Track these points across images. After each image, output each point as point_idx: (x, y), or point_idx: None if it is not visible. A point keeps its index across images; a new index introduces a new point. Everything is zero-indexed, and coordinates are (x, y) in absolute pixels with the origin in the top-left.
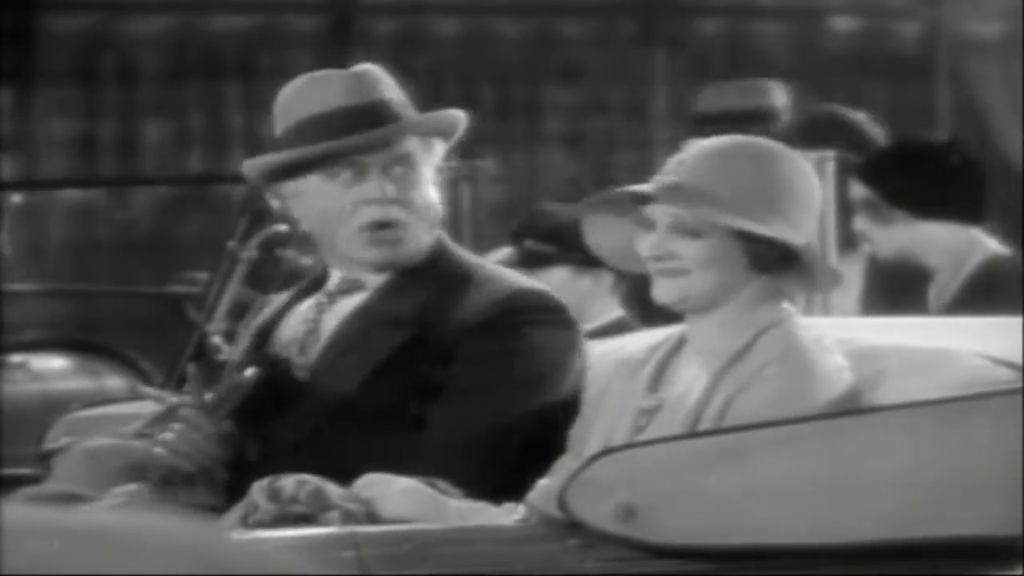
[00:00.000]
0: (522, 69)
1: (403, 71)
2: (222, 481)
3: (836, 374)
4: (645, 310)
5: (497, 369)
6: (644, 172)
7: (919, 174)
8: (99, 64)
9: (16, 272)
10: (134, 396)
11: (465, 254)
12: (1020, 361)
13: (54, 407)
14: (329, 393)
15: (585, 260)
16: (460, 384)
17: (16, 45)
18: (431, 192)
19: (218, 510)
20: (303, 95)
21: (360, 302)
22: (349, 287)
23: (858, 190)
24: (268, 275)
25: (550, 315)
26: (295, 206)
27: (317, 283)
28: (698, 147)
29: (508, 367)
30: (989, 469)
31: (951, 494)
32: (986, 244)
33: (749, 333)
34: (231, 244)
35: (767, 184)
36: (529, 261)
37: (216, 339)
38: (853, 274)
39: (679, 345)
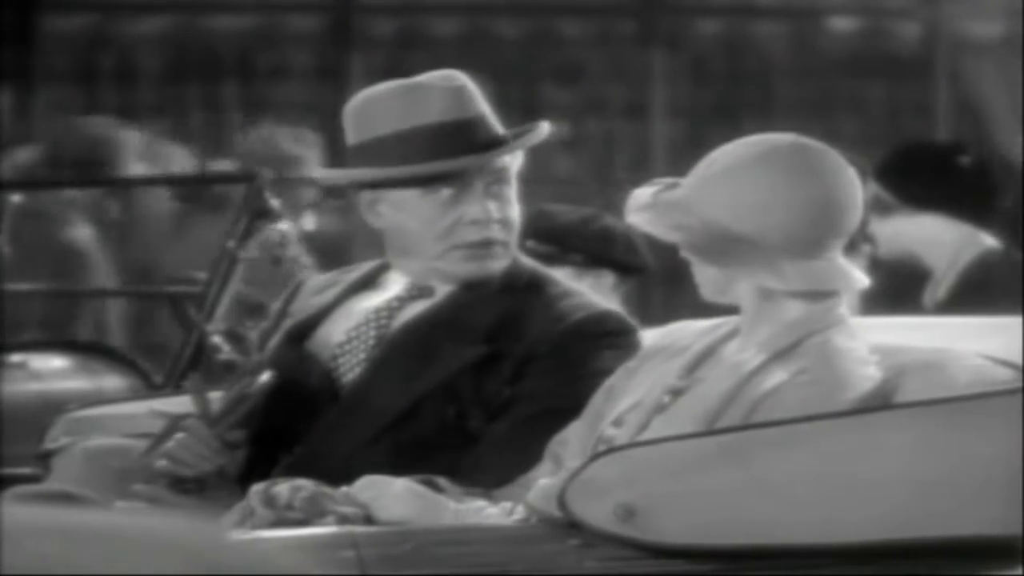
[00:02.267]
0: (521, 69)
1: (402, 71)
2: (234, 485)
3: (863, 385)
4: (644, 310)
5: (563, 394)
6: (643, 172)
7: (930, 174)
8: (98, 64)
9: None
10: (134, 396)
11: (534, 265)
12: (1020, 361)
13: (53, 407)
14: (386, 399)
15: (587, 261)
16: (524, 407)
17: (16, 45)
18: (517, 206)
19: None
20: (395, 105)
21: (429, 310)
22: (419, 293)
23: (868, 188)
24: (267, 275)
25: (620, 339)
26: (375, 214)
27: (368, 281)
28: (714, 157)
29: (574, 392)
30: (989, 469)
31: (951, 494)
32: (981, 240)
33: (794, 335)
34: (230, 244)
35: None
36: None
37: (216, 339)
38: None
39: (730, 335)
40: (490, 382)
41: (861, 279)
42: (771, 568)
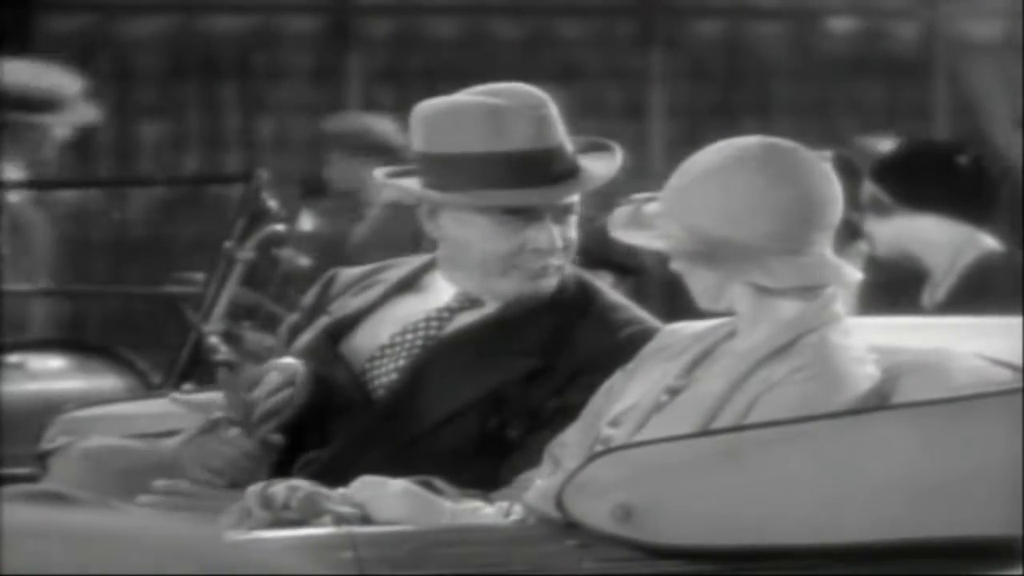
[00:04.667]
0: (520, 69)
1: (400, 71)
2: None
3: (861, 384)
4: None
5: None
6: (642, 172)
7: (929, 174)
8: (96, 64)
9: (14, 272)
10: (132, 396)
11: (578, 272)
12: (1020, 361)
13: (51, 407)
14: (428, 406)
15: (585, 262)
16: (567, 418)
17: (15, 45)
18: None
19: None
20: (478, 125)
21: (480, 320)
22: (471, 304)
23: (865, 187)
24: (265, 275)
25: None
26: (436, 225)
27: (412, 283)
28: (693, 163)
29: None
30: (989, 469)
31: (951, 494)
32: (982, 240)
33: (791, 333)
34: (228, 244)
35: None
36: None
37: (213, 339)
38: None
39: (729, 335)
40: (538, 393)
41: (853, 274)
42: (769, 568)
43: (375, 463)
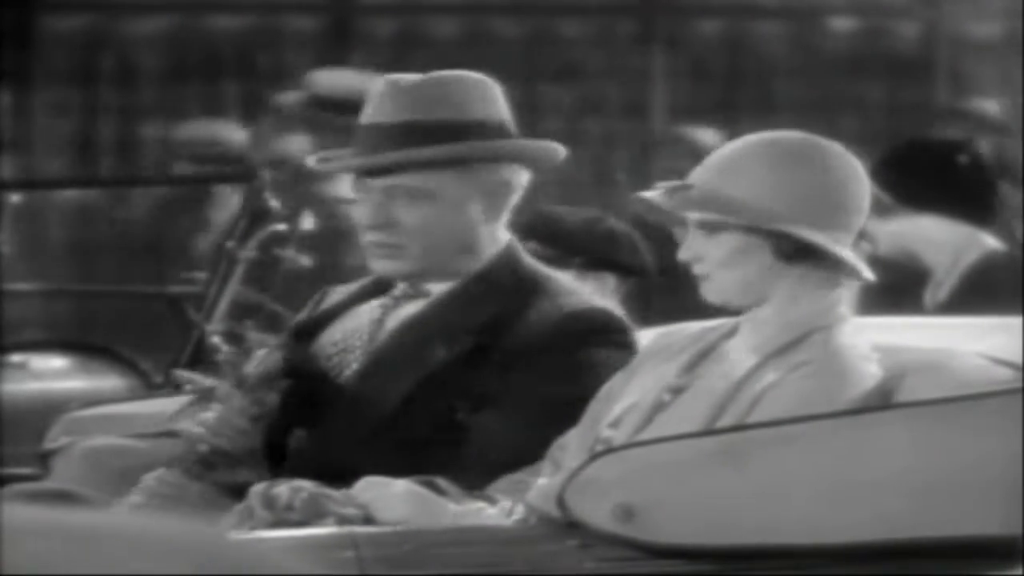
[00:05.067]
0: (521, 69)
1: (402, 70)
2: (262, 459)
3: (865, 381)
4: (644, 311)
5: (551, 387)
6: (643, 172)
7: (928, 173)
8: (98, 64)
9: (15, 272)
10: (134, 396)
11: (539, 267)
12: (1020, 361)
13: (53, 407)
14: (380, 395)
15: (588, 263)
16: (511, 399)
17: (15, 45)
18: (443, 216)
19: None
20: (368, 100)
21: (422, 308)
22: (415, 293)
23: None
24: (267, 275)
25: (612, 336)
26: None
27: (380, 285)
28: (725, 147)
29: (562, 387)
30: (989, 469)
31: (951, 494)
32: (984, 240)
33: (796, 331)
34: (230, 244)
35: (782, 180)
36: None
37: (216, 339)
38: None
39: (728, 335)
40: (480, 376)
41: (869, 273)
42: (770, 568)
43: (342, 457)
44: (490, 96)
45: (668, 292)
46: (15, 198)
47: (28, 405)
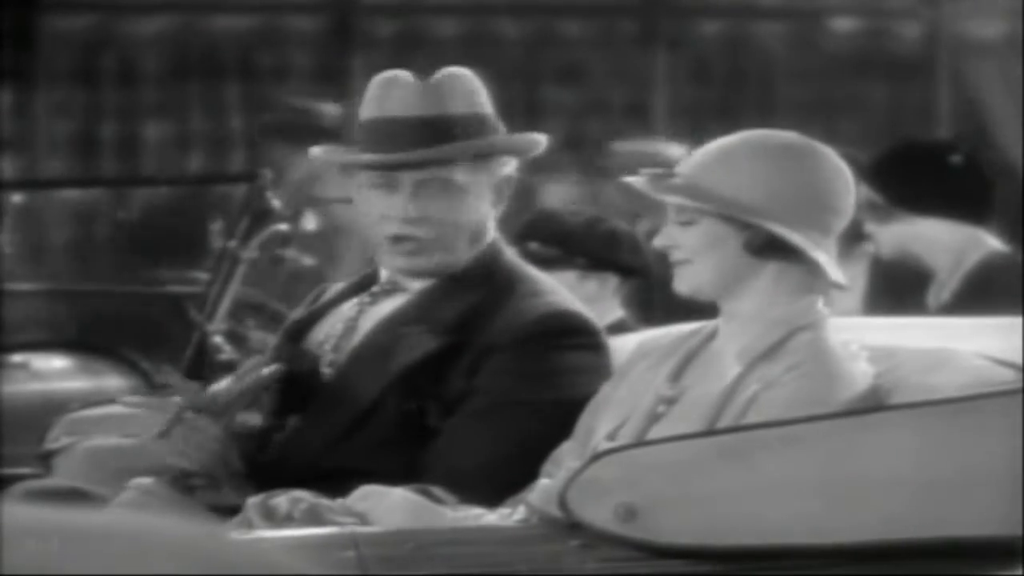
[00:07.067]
0: (522, 70)
1: (404, 71)
2: (240, 479)
3: (859, 380)
4: (645, 311)
5: (519, 390)
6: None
7: (922, 175)
8: (99, 64)
9: (16, 272)
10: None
11: (518, 265)
12: (1020, 361)
13: (54, 407)
14: (353, 395)
15: (590, 264)
16: (479, 402)
17: (16, 45)
18: (467, 210)
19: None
20: (372, 95)
21: (399, 305)
22: (392, 288)
23: (860, 190)
24: (269, 275)
25: (582, 339)
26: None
27: (366, 282)
28: (716, 141)
29: (530, 389)
30: (989, 469)
31: (951, 494)
32: (986, 242)
33: (780, 331)
34: (231, 244)
35: (762, 176)
36: (533, 264)
37: (217, 339)
38: (856, 274)
39: (709, 338)
40: (450, 376)
41: (839, 274)
42: (771, 568)
43: (315, 456)
44: (483, 90)
45: (670, 292)
46: (16, 198)
47: (29, 405)
